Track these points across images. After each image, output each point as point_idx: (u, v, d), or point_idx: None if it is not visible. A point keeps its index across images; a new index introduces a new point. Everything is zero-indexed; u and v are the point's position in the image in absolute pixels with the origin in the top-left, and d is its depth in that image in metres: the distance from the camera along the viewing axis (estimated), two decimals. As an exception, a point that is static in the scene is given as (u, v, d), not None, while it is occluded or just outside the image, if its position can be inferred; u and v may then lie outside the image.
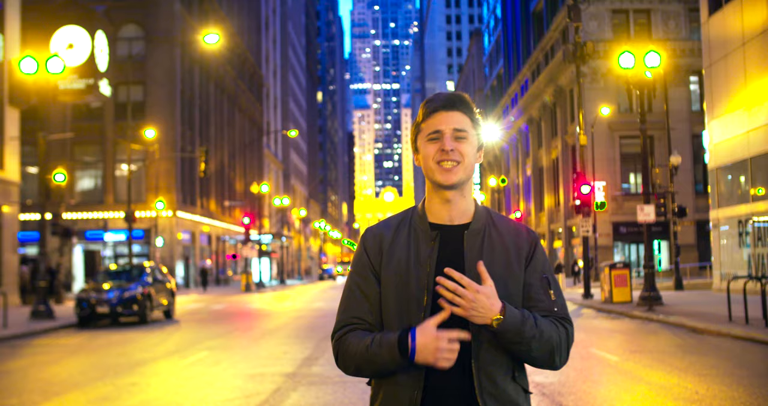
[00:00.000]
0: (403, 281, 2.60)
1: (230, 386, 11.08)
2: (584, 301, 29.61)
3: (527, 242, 2.68)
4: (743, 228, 29.17)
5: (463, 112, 2.68)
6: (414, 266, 2.61)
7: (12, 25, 32.49)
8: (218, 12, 65.88)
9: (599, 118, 48.99)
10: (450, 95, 2.71)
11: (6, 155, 31.91)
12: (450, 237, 2.64)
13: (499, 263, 2.61)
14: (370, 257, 2.68)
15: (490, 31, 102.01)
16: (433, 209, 2.70)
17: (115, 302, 23.68)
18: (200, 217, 60.05)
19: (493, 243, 2.65)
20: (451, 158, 2.62)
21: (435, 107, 2.68)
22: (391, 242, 2.67)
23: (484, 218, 2.71)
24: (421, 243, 2.64)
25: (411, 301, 2.58)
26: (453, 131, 2.64)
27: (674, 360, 12.90)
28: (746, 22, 28.51)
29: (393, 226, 2.73)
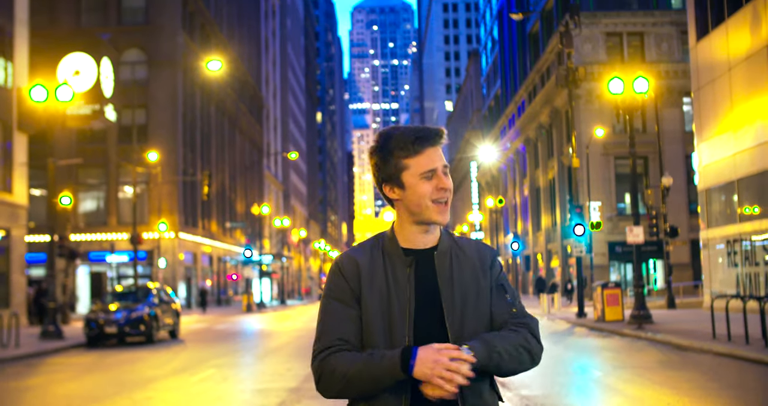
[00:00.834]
0: (386, 305, 2.68)
1: (238, 400, 11.91)
2: (578, 320, 30.40)
3: (488, 256, 2.82)
4: (732, 248, 30.02)
5: (440, 144, 2.73)
6: (394, 290, 2.69)
7: (20, 52, 33.45)
8: (219, 36, 66.98)
9: (594, 139, 49.93)
10: (436, 131, 2.72)
11: (15, 179, 32.79)
12: (422, 260, 2.74)
13: (468, 276, 2.74)
14: (349, 282, 2.72)
15: (488, 52, 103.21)
16: (408, 236, 2.77)
17: (123, 322, 24.49)
18: (202, 238, 60.89)
19: (460, 260, 2.76)
20: (447, 196, 2.71)
21: (424, 145, 2.68)
22: (368, 267, 2.74)
23: (448, 240, 2.82)
24: (397, 268, 2.72)
25: (394, 324, 2.66)
26: (443, 168, 2.70)
27: (654, 375, 13.74)
28: (732, 47, 29.47)
29: (366, 252, 2.79)
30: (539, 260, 69.02)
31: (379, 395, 2.60)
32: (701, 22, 32.35)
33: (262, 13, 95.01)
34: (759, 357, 15.16)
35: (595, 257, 51.69)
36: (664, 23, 55.96)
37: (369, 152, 2.79)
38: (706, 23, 31.82)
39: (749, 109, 28.01)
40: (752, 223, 28.15)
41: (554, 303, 39.53)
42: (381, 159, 2.73)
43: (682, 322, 26.03)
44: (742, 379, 13.13)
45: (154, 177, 50.37)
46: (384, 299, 2.69)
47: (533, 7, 71.30)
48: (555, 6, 62.67)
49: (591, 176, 50.63)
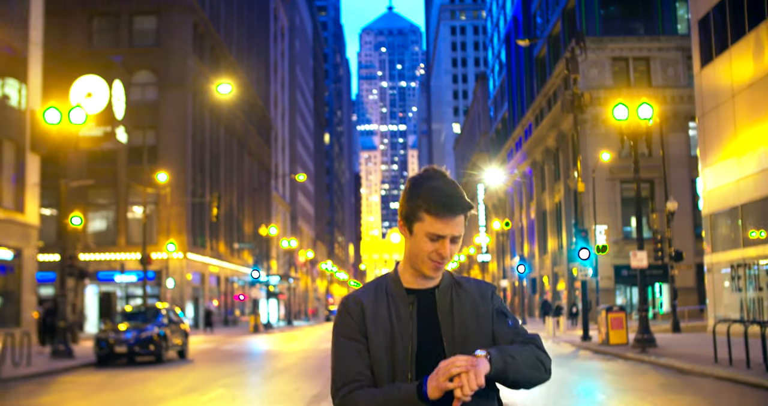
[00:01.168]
0: (390, 342, 2.81)
1: (248, 419, 12.22)
2: (582, 343, 30.62)
3: (487, 290, 2.96)
4: (736, 273, 30.27)
5: (463, 214, 2.82)
6: (397, 328, 2.83)
7: (34, 74, 33.97)
8: (228, 58, 67.66)
9: (600, 163, 50.28)
10: (458, 199, 2.80)
11: (27, 200, 33.23)
12: (423, 299, 2.89)
13: (468, 309, 2.87)
14: (356, 321, 2.85)
15: (495, 75, 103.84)
16: (410, 278, 2.92)
17: (133, 342, 24.82)
18: (210, 258, 61.26)
19: (460, 296, 2.90)
20: (444, 261, 2.84)
21: (446, 212, 2.78)
22: (372, 307, 2.87)
23: (448, 279, 2.95)
24: (400, 307, 2.87)
25: (397, 360, 2.80)
26: (453, 237, 2.81)
27: (655, 398, 14.03)
28: (735, 74, 29.86)
29: (371, 293, 2.92)
30: (546, 282, 69.20)
31: None
32: (705, 49, 32.76)
33: (271, 35, 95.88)
34: (759, 381, 15.42)
35: (601, 281, 51.95)
36: (670, 48, 56.41)
37: (405, 184, 2.93)
38: (710, 50, 32.24)
39: (753, 135, 28.36)
40: (756, 248, 28.41)
41: (559, 326, 39.72)
42: (407, 199, 2.84)
43: (686, 346, 26.25)
44: (741, 403, 13.41)
45: (163, 198, 50.85)
46: (388, 336, 2.81)
47: (540, 31, 71.91)
48: (562, 31, 63.24)
49: (597, 200, 50.92)
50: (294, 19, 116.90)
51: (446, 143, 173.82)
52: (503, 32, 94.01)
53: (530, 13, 77.49)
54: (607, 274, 52.93)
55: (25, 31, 33.41)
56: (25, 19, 33.48)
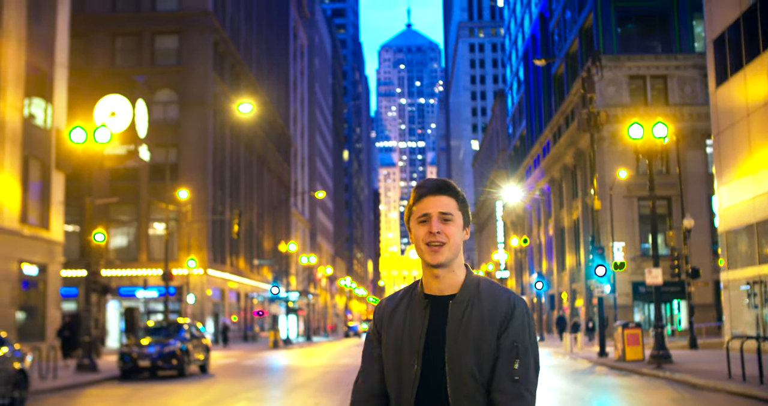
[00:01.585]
0: (399, 345, 2.97)
1: (270, 429, 12.66)
2: (599, 359, 30.89)
3: (503, 312, 2.91)
4: (752, 290, 30.49)
5: (450, 196, 2.97)
6: (408, 331, 2.97)
7: (60, 94, 34.69)
8: (249, 76, 68.46)
9: (618, 180, 50.54)
10: (438, 181, 3.01)
11: (52, 217, 33.87)
12: (439, 306, 2.97)
13: (475, 329, 2.88)
14: (376, 325, 3.10)
15: (513, 92, 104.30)
16: (427, 282, 3.02)
17: (156, 356, 25.34)
18: (230, 275, 61.83)
19: (473, 313, 2.91)
20: (438, 240, 2.91)
21: (423, 192, 2.98)
22: (392, 311, 3.06)
23: (472, 290, 2.98)
24: (416, 312, 3.00)
25: (404, 362, 2.94)
26: (439, 214, 2.93)
27: (666, 411, 14.36)
28: (750, 94, 30.18)
29: (398, 297, 3.11)
30: (564, 299, 69.34)
31: None
32: (720, 68, 33.11)
33: (291, 54, 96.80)
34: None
35: (619, 297, 52.11)
36: (687, 67, 56.67)
37: None
38: (725, 69, 32.58)
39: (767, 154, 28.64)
40: (771, 265, 28.64)
41: (577, 342, 39.95)
42: (407, 209, 3.05)
43: (701, 362, 26.48)
44: (750, 416, 13.72)
45: (184, 215, 51.51)
46: (398, 336, 2.97)
47: (558, 49, 72.36)
48: (579, 49, 63.65)
49: (615, 217, 51.15)
50: (313, 38, 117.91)
51: (465, 160, 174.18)
52: (521, 50, 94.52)
53: (548, 31, 78.00)
54: (625, 290, 53.09)
55: (51, 52, 34.16)
56: (51, 40, 34.24)
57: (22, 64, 31.25)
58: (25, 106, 31.78)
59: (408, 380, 2.91)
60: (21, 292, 31.58)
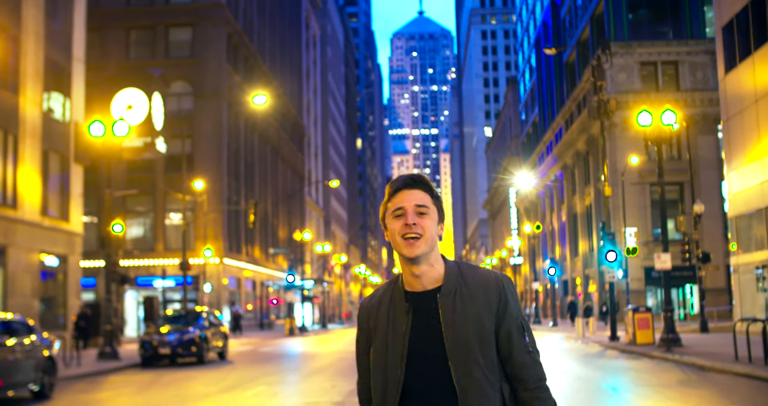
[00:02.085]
0: (384, 351, 2.93)
1: (290, 411, 13.26)
2: (610, 343, 31.35)
3: (496, 295, 2.93)
4: (762, 273, 30.89)
5: (423, 190, 2.96)
6: (391, 337, 2.92)
7: (77, 88, 35.35)
8: (262, 67, 68.97)
9: (629, 166, 50.85)
10: (411, 176, 3.00)
11: (71, 209, 34.56)
12: (425, 302, 2.93)
13: (472, 317, 2.88)
14: (362, 327, 3.07)
15: (526, 79, 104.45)
16: (408, 280, 2.98)
17: (176, 344, 25.99)
18: (245, 263, 62.51)
19: (465, 301, 2.90)
20: (414, 232, 2.89)
21: (397, 187, 2.97)
22: (376, 315, 3.02)
23: (455, 278, 2.95)
24: (398, 316, 2.95)
25: (389, 368, 2.90)
26: (415, 207, 2.91)
27: (671, 392, 14.88)
28: (758, 80, 30.51)
29: (378, 298, 3.06)
30: (577, 284, 69.75)
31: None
32: (729, 55, 33.43)
33: (304, 43, 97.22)
34: (773, 377, 16.21)
35: (632, 282, 52.48)
36: (698, 52, 56.82)
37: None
38: (734, 56, 32.90)
39: (775, 139, 29.00)
40: (779, 249, 29.04)
41: (589, 327, 40.42)
42: (382, 206, 3.07)
43: (710, 345, 26.93)
44: (752, 396, 14.20)
45: (200, 205, 52.15)
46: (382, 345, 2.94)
47: (569, 37, 72.53)
48: (590, 36, 63.88)
49: (627, 203, 51.48)
50: (325, 27, 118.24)
51: (478, 147, 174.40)
52: (533, 37, 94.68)
53: (560, 18, 78.15)
54: (638, 276, 53.48)
55: (68, 47, 34.78)
56: (68, 36, 34.87)
57: (40, 59, 31.86)
58: (44, 101, 32.43)
59: (393, 382, 2.88)
60: (42, 282, 32.29)
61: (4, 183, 29.25)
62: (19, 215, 29.85)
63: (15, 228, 29.58)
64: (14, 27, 29.98)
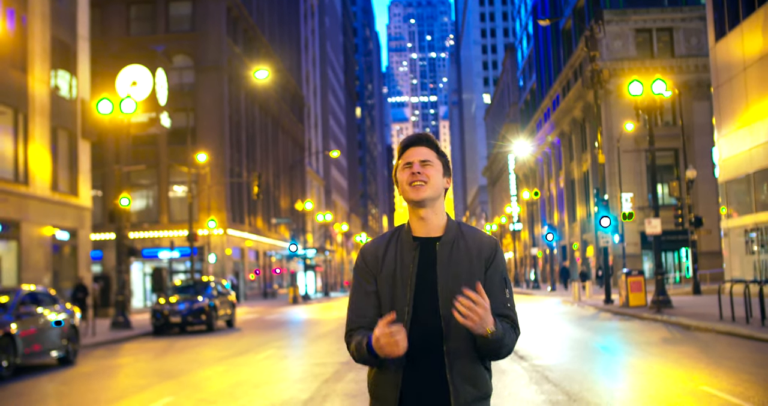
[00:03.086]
0: (393, 283, 3.23)
1: (300, 369, 14.35)
2: (604, 306, 32.45)
3: (488, 249, 3.27)
4: (749, 236, 31.95)
5: (428, 147, 3.31)
6: (400, 270, 3.23)
7: (83, 66, 36.18)
8: (261, 39, 69.60)
9: (625, 133, 51.72)
10: (417, 135, 3.34)
11: (80, 183, 35.54)
12: (427, 247, 3.26)
13: (465, 266, 3.21)
14: (369, 265, 3.31)
15: (523, 46, 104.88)
16: (413, 225, 3.30)
17: (186, 312, 27.09)
18: (248, 234, 63.60)
19: (460, 251, 3.24)
20: (419, 179, 3.23)
21: (405, 144, 3.33)
22: (384, 253, 3.30)
23: (454, 231, 3.30)
24: (405, 253, 3.26)
25: (398, 298, 3.20)
26: (420, 161, 3.26)
27: (654, 349, 15.98)
28: (746, 49, 31.35)
29: (385, 240, 3.35)
30: (575, 249, 70.87)
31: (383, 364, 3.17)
32: (719, 24, 34.24)
33: (302, 14, 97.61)
34: (751, 333, 17.27)
35: (628, 247, 53.53)
36: (693, 18, 57.45)
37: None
38: (723, 25, 33.71)
39: (763, 107, 29.92)
40: (766, 213, 30.06)
41: (585, 290, 41.54)
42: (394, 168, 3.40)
43: (699, 306, 28.02)
44: (727, 351, 15.26)
45: (203, 177, 53.11)
46: (391, 277, 3.24)
47: (565, 4, 73.01)
48: (586, 4, 64.40)
49: (623, 168, 52.42)
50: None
51: (477, 114, 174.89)
52: (530, 4, 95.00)
53: (555, -15, 78.54)
54: (634, 240, 54.55)
55: (73, 26, 35.57)
56: (73, 14, 35.64)
57: (47, 38, 32.67)
58: (51, 79, 33.26)
59: (402, 309, 3.18)
60: (53, 256, 33.33)
61: (16, 160, 30.19)
62: (30, 191, 30.83)
63: (27, 204, 30.57)
64: (21, 8, 30.76)
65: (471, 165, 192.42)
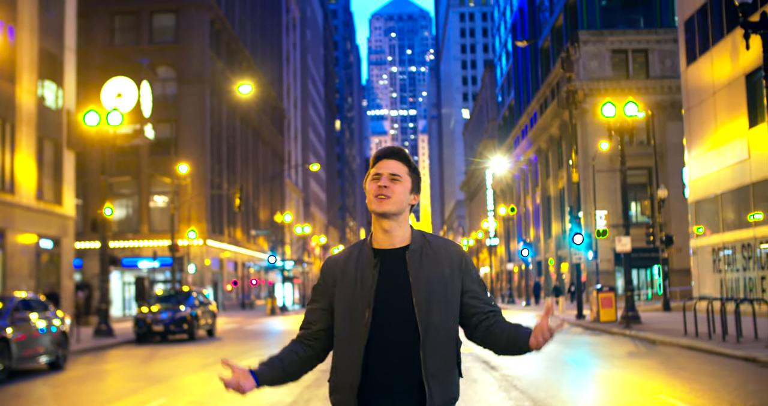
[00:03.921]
0: (351, 300, 3.22)
1: (282, 377, 15.11)
2: (576, 321, 33.36)
3: (457, 255, 3.32)
4: (716, 255, 32.99)
5: (400, 161, 3.32)
6: (359, 287, 3.22)
7: (69, 77, 36.80)
8: (243, 52, 70.39)
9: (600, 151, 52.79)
10: (391, 148, 3.35)
11: (64, 193, 36.11)
12: (393, 258, 3.26)
13: (437, 273, 3.24)
14: (327, 281, 3.34)
15: (502, 63, 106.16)
16: (378, 237, 3.30)
17: (168, 321, 27.73)
18: (227, 245, 64.21)
19: (429, 258, 3.26)
20: (384, 193, 3.25)
21: (378, 156, 3.34)
22: (343, 268, 3.31)
23: (420, 239, 3.32)
24: (366, 268, 3.25)
25: (356, 315, 3.20)
26: (389, 174, 3.28)
27: (618, 361, 16.87)
28: (716, 74, 32.48)
29: (346, 254, 3.36)
30: (550, 265, 71.88)
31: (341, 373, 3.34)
32: (691, 49, 35.40)
33: (284, 27, 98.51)
34: (711, 348, 18.18)
35: (601, 263, 54.50)
36: (668, 41, 58.69)
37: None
38: (694, 50, 34.88)
39: (730, 130, 31.03)
40: (732, 233, 31.14)
41: (558, 306, 42.43)
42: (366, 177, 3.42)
43: (667, 322, 28.96)
44: (687, 363, 16.14)
45: (183, 188, 53.72)
46: (349, 295, 3.25)
47: (544, 23, 74.27)
48: (564, 24, 65.63)
49: (598, 186, 53.47)
50: (305, 10, 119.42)
51: (456, 128, 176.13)
52: (509, 22, 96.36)
53: (535, 4, 79.87)
54: (608, 257, 55.48)
55: (60, 37, 36.23)
56: (60, 26, 36.31)
57: (35, 50, 33.31)
58: (38, 89, 33.88)
59: (359, 327, 3.18)
60: (37, 264, 33.85)
61: (3, 169, 30.78)
62: (16, 199, 31.40)
63: (13, 212, 31.13)
64: (10, 19, 31.40)
65: (449, 179, 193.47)
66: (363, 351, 3.17)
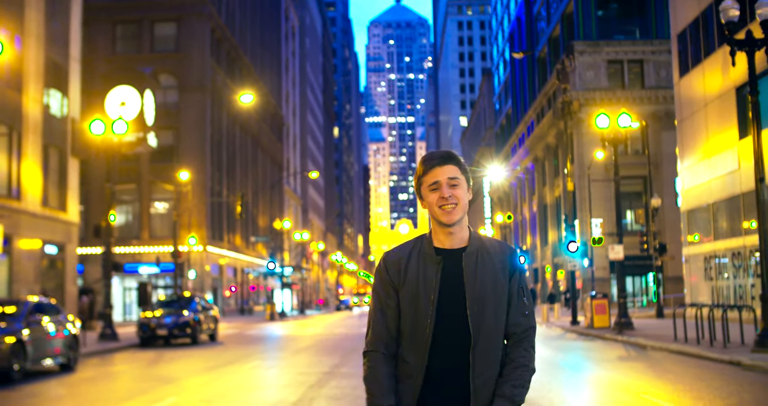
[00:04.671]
0: (415, 296, 3.27)
1: (286, 377, 15.77)
2: (571, 327, 34.03)
3: (510, 258, 3.39)
4: (708, 264, 33.70)
5: (454, 165, 3.34)
6: (422, 284, 3.28)
7: (74, 86, 37.51)
8: (243, 60, 71.16)
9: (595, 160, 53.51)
10: (443, 153, 3.37)
11: (68, 200, 36.78)
12: (451, 259, 3.32)
13: (490, 275, 3.31)
14: (391, 275, 3.35)
15: (500, 72, 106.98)
16: (439, 238, 3.37)
17: (172, 326, 28.40)
18: (227, 251, 64.88)
19: (484, 261, 3.33)
20: (449, 202, 3.29)
21: (432, 164, 3.33)
22: (406, 264, 3.34)
23: (478, 242, 3.38)
24: (428, 266, 3.31)
25: (420, 312, 3.26)
26: (448, 180, 3.30)
27: (609, 364, 17.56)
28: (707, 86, 33.23)
29: (407, 251, 3.39)
30: (546, 272, 72.58)
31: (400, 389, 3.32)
32: (683, 61, 36.17)
33: (283, 35, 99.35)
34: (698, 352, 18.87)
35: (597, 270, 55.18)
36: (663, 51, 59.45)
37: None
38: (687, 62, 35.65)
39: (720, 141, 31.77)
40: (723, 241, 31.85)
41: (554, 312, 43.10)
42: (415, 179, 3.43)
43: (659, 329, 29.63)
44: (674, 367, 16.82)
45: (184, 195, 54.39)
46: (414, 289, 3.29)
47: (541, 33, 75.07)
48: (561, 34, 66.43)
49: (594, 195, 54.13)
50: (304, 18, 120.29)
51: (453, 136, 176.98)
52: (507, 31, 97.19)
53: (533, 14, 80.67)
54: (603, 264, 56.15)
55: (66, 47, 36.96)
56: (65, 36, 37.03)
57: (41, 59, 34.03)
58: (44, 98, 34.58)
59: (423, 325, 3.26)
60: (42, 269, 34.51)
61: (10, 176, 31.45)
62: (22, 206, 32.06)
63: (19, 218, 31.79)
64: (17, 29, 32.10)
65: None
66: (428, 350, 3.26)
